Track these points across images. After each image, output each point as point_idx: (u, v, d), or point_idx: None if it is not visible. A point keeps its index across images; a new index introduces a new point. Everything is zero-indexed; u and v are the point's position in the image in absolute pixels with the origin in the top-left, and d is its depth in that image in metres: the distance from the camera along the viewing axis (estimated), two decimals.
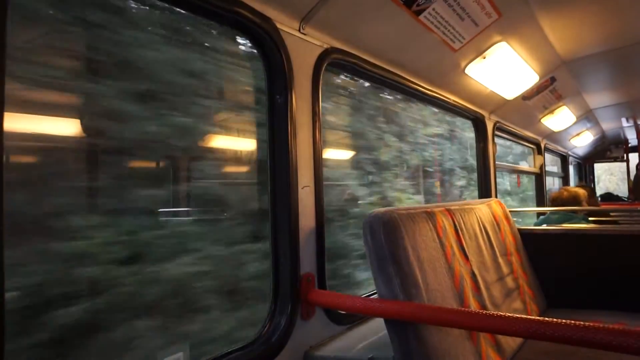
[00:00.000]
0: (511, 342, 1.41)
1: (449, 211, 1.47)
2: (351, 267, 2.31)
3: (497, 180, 2.88)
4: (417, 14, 1.49)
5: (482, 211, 1.75)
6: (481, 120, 2.72)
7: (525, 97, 2.79)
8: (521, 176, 4.69)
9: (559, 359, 1.37)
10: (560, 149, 5.10)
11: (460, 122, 3.86)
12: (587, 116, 4.16)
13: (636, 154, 6.05)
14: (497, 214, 1.91)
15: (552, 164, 5.54)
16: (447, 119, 3.80)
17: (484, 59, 2.01)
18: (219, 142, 1.55)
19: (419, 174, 3.42)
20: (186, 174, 1.48)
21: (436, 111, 3.35)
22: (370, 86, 2.69)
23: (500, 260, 1.70)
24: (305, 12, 1.30)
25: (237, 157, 1.57)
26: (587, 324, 0.85)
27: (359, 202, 2.64)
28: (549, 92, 2.93)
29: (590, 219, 2.82)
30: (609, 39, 2.22)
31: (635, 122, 4.80)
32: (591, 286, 1.93)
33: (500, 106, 2.76)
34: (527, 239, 2.08)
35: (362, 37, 1.52)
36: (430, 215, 1.33)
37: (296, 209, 1.29)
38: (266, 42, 1.25)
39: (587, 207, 2.86)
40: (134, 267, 1.19)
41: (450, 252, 1.34)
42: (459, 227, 1.46)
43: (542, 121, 3.49)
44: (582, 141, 5.15)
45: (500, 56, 2.03)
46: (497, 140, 2.91)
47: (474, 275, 1.42)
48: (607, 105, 3.87)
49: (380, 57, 1.68)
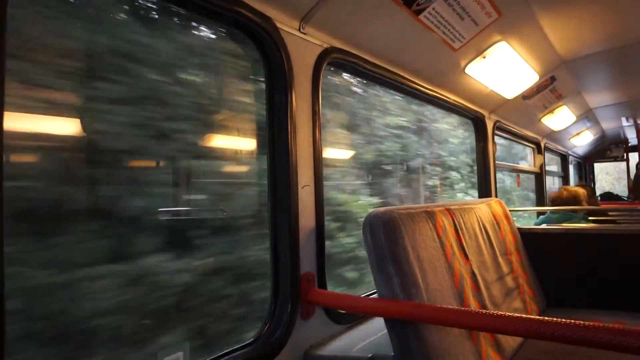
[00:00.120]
0: (511, 342, 1.41)
1: (449, 211, 1.47)
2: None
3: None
4: (417, 13, 1.48)
5: (482, 211, 1.75)
6: (481, 119, 2.72)
7: (525, 96, 2.79)
8: (512, 176, 4.65)
9: (559, 358, 1.37)
10: (560, 148, 5.10)
11: (429, 113, 3.37)
12: (587, 115, 4.16)
13: (636, 154, 6.06)
14: (497, 213, 1.91)
15: (552, 164, 5.54)
16: (414, 107, 3.25)
17: (484, 58, 2.01)
18: (219, 141, 1.55)
19: (376, 172, 2.93)
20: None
21: (399, 97, 2.89)
22: None
23: (500, 259, 1.70)
24: (305, 12, 1.30)
25: (236, 157, 1.57)
26: (587, 323, 0.85)
27: None
28: (549, 91, 2.93)
29: (590, 218, 2.82)
30: (609, 39, 2.22)
31: (635, 122, 4.80)
32: (591, 286, 1.93)
33: (500, 105, 2.76)
34: (527, 238, 2.08)
35: (362, 36, 1.52)
36: (430, 214, 1.33)
37: (296, 208, 1.29)
38: (266, 41, 1.25)
39: (587, 207, 2.87)
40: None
41: (450, 252, 1.34)
42: (459, 227, 1.46)
43: (542, 120, 3.48)
44: (582, 140, 5.15)
45: (500, 56, 2.03)
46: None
47: (473, 274, 1.42)
48: (607, 104, 3.86)
49: (380, 57, 1.68)
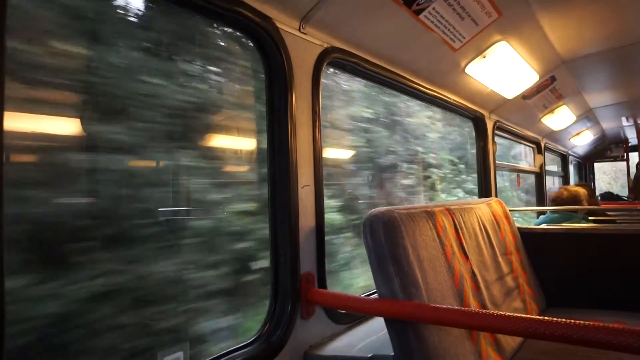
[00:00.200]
0: (511, 342, 1.41)
1: (449, 210, 1.47)
2: None
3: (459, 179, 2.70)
4: (417, 13, 1.48)
5: (482, 210, 1.75)
6: (481, 119, 2.72)
7: (525, 96, 2.79)
8: (504, 175, 4.62)
9: (558, 358, 1.37)
10: (560, 148, 5.09)
11: (404, 105, 2.95)
12: (587, 115, 4.16)
13: (636, 154, 6.06)
14: (497, 213, 1.91)
15: (552, 164, 5.54)
16: (385, 98, 2.79)
17: (484, 58, 2.01)
18: (219, 141, 1.54)
19: (341, 170, 2.60)
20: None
21: (367, 85, 2.46)
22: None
23: (500, 259, 1.70)
24: (305, 12, 1.30)
25: (236, 157, 1.56)
26: (586, 323, 0.85)
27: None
28: (549, 91, 2.93)
29: (590, 218, 2.82)
30: (609, 38, 2.22)
31: (635, 122, 4.80)
32: (591, 286, 1.93)
33: (500, 105, 2.76)
34: (527, 238, 2.08)
35: (362, 36, 1.52)
36: (430, 214, 1.33)
37: (296, 208, 1.29)
38: (266, 41, 1.25)
39: (587, 207, 2.86)
40: None
41: (450, 252, 1.34)
42: (459, 227, 1.46)
43: (542, 120, 3.48)
44: (582, 140, 5.15)
45: (500, 55, 2.03)
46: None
47: (473, 274, 1.42)
48: (607, 104, 3.86)
49: (380, 57, 1.68)
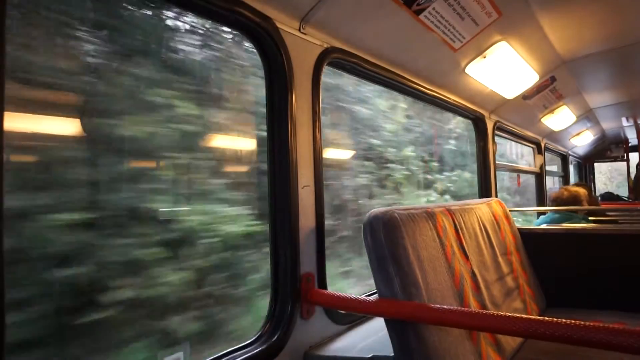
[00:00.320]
0: (511, 342, 1.41)
1: (449, 211, 1.47)
2: None
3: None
4: (417, 13, 1.48)
5: (482, 210, 1.75)
6: (481, 119, 2.72)
7: (525, 96, 2.79)
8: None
9: (558, 358, 1.37)
10: (560, 148, 5.09)
11: (366, 90, 2.48)
12: (587, 116, 4.16)
13: (636, 154, 6.06)
14: (497, 213, 1.91)
15: (552, 164, 5.54)
16: (327, 80, 2.14)
17: (484, 58, 2.01)
18: (219, 141, 1.54)
19: (253, 167, 1.78)
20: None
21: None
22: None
23: (500, 259, 1.70)
24: (305, 12, 1.30)
25: (236, 157, 1.56)
26: (587, 323, 0.85)
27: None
28: (549, 91, 2.93)
29: (590, 218, 2.82)
30: (609, 39, 2.22)
31: (635, 122, 4.80)
32: (591, 286, 1.93)
33: (500, 105, 2.76)
34: (527, 238, 2.08)
35: (362, 36, 1.52)
36: (430, 214, 1.33)
37: (296, 208, 1.29)
38: (266, 41, 1.25)
39: (587, 207, 2.86)
40: None
41: (450, 252, 1.34)
42: (459, 227, 1.46)
43: (542, 120, 3.48)
44: (582, 140, 5.15)
45: (500, 56, 2.03)
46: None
47: (474, 274, 1.42)
48: (607, 104, 3.86)
49: (380, 57, 1.68)
